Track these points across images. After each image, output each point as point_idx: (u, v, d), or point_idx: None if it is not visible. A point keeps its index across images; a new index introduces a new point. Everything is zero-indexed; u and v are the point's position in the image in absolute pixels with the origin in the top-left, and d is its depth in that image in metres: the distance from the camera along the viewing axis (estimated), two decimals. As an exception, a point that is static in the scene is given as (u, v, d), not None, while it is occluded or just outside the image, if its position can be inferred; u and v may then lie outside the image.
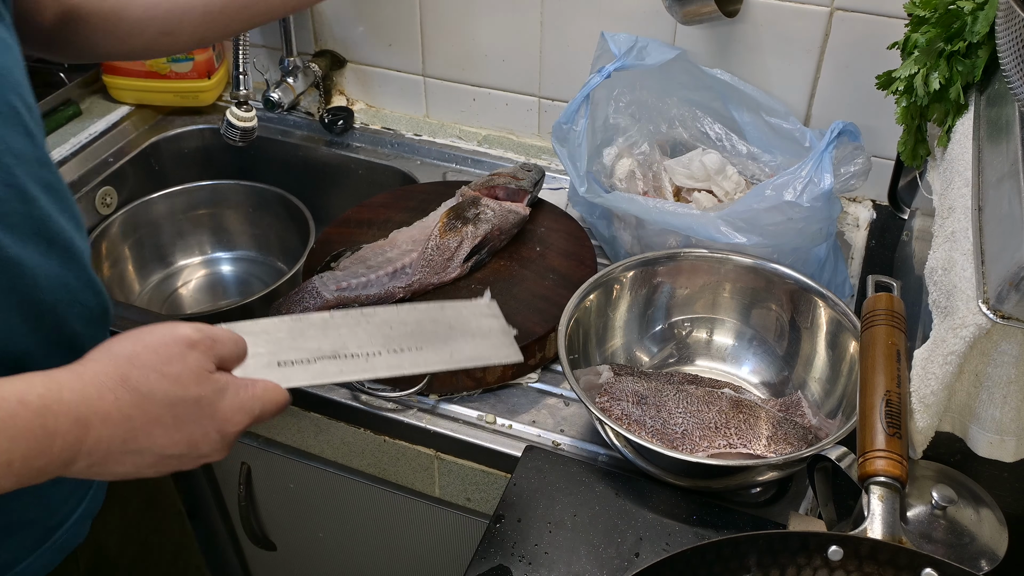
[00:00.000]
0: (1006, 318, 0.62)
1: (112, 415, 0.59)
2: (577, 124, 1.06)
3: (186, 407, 0.62)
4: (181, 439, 0.62)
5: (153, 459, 0.62)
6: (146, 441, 0.60)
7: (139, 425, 0.60)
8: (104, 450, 0.59)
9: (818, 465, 0.76)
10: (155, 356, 0.61)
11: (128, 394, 0.59)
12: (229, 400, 0.64)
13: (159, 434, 0.61)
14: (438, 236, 1.04)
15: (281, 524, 1.26)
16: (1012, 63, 0.64)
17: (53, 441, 0.56)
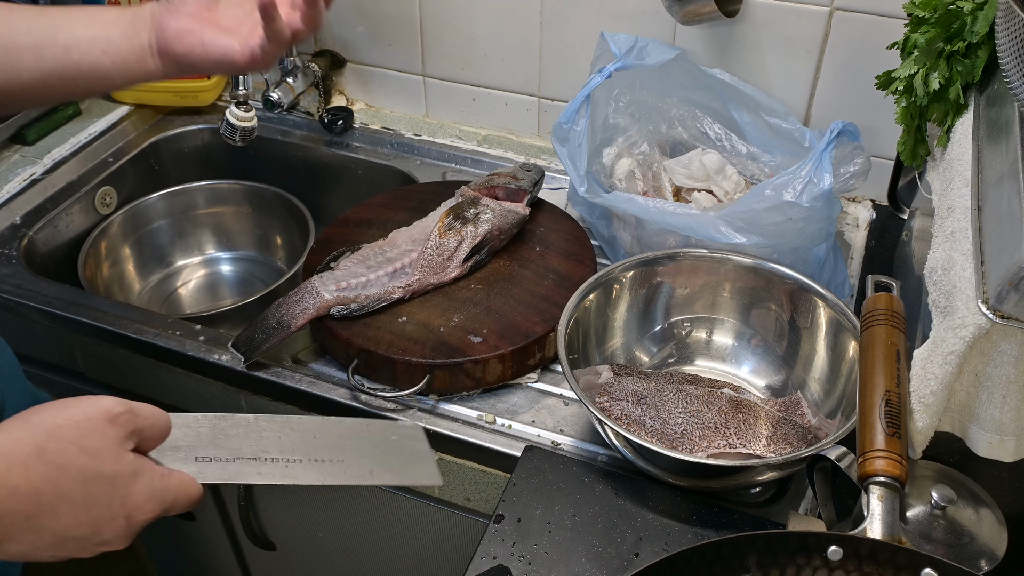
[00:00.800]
0: (1006, 318, 0.62)
1: (20, 488, 0.57)
2: (578, 124, 1.06)
3: (99, 485, 0.60)
4: (86, 520, 0.60)
5: (52, 540, 0.59)
6: (50, 519, 0.58)
7: (47, 501, 0.58)
8: (5, 525, 0.57)
9: (818, 465, 0.76)
10: (76, 430, 0.60)
11: (42, 467, 0.57)
12: (142, 485, 0.62)
13: (65, 512, 0.59)
14: (438, 236, 1.04)
15: (281, 524, 1.26)
16: (1012, 63, 0.64)
17: None
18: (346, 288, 0.99)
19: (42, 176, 1.32)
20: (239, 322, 1.19)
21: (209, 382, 1.07)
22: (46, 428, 0.59)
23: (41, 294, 1.13)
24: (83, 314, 1.10)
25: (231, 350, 1.01)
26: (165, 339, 1.06)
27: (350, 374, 0.97)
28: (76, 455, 0.59)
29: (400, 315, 1.00)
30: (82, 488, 0.59)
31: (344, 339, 0.98)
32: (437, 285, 1.03)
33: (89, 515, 0.59)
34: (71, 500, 0.58)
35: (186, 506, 0.65)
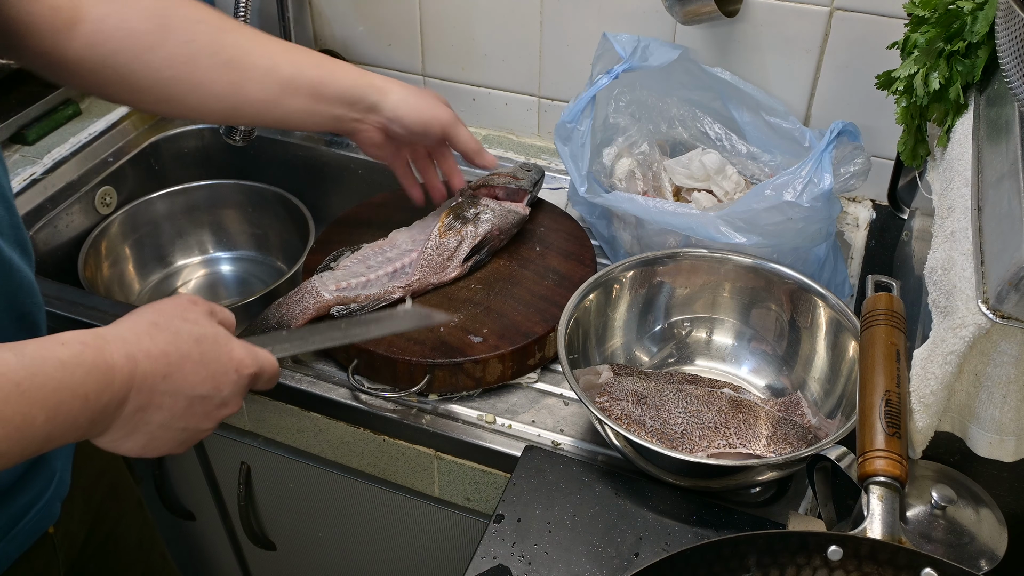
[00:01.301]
0: (1006, 318, 0.62)
1: (152, 351, 0.65)
2: (582, 123, 1.06)
3: (208, 343, 0.69)
4: (207, 375, 0.69)
5: (184, 403, 0.68)
6: (179, 378, 0.67)
7: (174, 360, 0.67)
8: (149, 387, 0.65)
9: (818, 465, 0.76)
10: (173, 307, 0.71)
11: (161, 334, 0.67)
12: (238, 343, 0.73)
13: (190, 369, 0.68)
14: (438, 236, 1.04)
15: (281, 524, 1.26)
16: (1012, 63, 0.64)
17: (113, 374, 0.62)
18: (346, 288, 0.99)
19: (42, 176, 1.32)
20: (239, 322, 1.19)
21: (209, 382, 1.07)
22: (151, 310, 0.70)
23: (41, 294, 1.13)
24: (83, 314, 1.10)
25: None
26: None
27: (350, 374, 0.97)
28: (182, 323, 0.69)
29: (400, 315, 1.00)
30: (196, 347, 0.69)
31: (344, 339, 0.98)
32: (437, 285, 1.03)
33: (208, 370, 0.69)
34: (191, 357, 0.68)
35: (271, 374, 0.76)
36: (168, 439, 0.69)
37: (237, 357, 0.71)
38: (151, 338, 0.66)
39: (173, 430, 0.68)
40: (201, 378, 0.68)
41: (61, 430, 0.60)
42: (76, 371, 0.60)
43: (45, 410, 0.58)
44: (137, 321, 0.68)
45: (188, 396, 0.68)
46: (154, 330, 0.67)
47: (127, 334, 0.65)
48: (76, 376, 0.60)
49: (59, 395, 0.59)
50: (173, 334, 0.68)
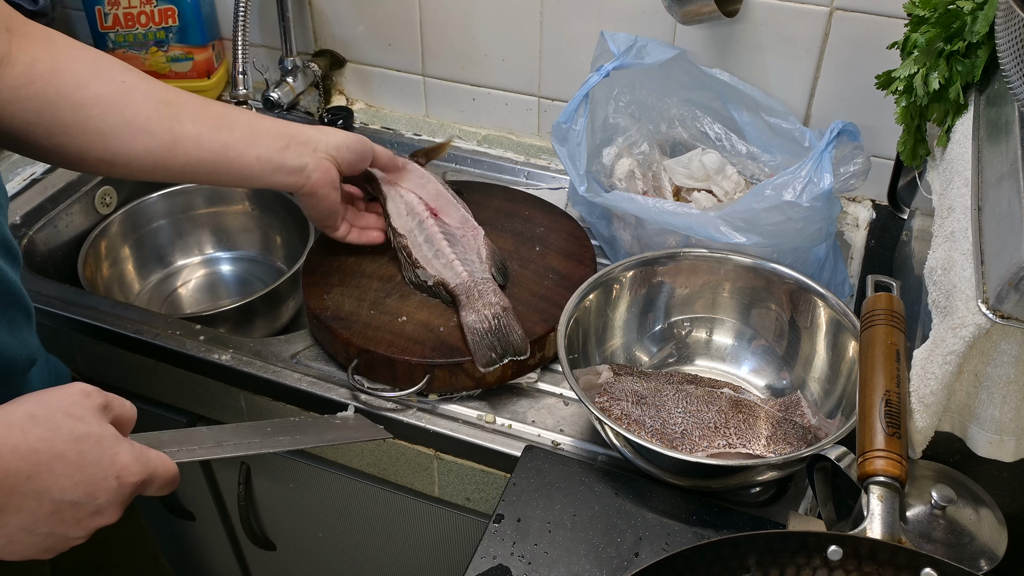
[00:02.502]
0: (1006, 318, 0.62)
1: (20, 447, 0.60)
2: (576, 123, 1.06)
3: (89, 444, 0.63)
4: (81, 480, 0.63)
5: (50, 508, 0.62)
6: (48, 479, 0.61)
7: (44, 460, 0.61)
8: (9, 487, 0.60)
9: (817, 465, 0.76)
10: (59, 401, 0.64)
11: (36, 428, 0.61)
12: (127, 447, 0.66)
13: (61, 471, 0.62)
14: None
15: (281, 524, 1.26)
16: (1012, 63, 0.64)
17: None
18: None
19: (42, 176, 1.32)
20: (239, 322, 1.19)
21: (209, 382, 1.07)
22: (32, 400, 0.64)
23: (41, 294, 1.13)
24: (83, 314, 1.10)
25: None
26: (165, 339, 1.06)
27: (350, 374, 0.97)
28: (64, 418, 0.63)
29: (400, 315, 1.00)
30: (74, 446, 0.62)
31: (344, 339, 0.98)
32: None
33: (83, 474, 0.63)
34: (65, 458, 0.62)
35: (165, 481, 0.69)
36: (29, 543, 0.63)
37: (121, 463, 0.65)
38: (23, 432, 0.61)
39: (36, 535, 0.63)
40: (74, 482, 0.62)
41: None
42: None
43: None
44: (13, 410, 0.62)
45: (55, 500, 0.62)
46: (29, 423, 0.61)
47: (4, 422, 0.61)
48: None
49: None
50: (51, 430, 0.62)
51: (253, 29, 1.44)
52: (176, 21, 1.38)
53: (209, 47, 1.43)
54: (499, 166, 1.35)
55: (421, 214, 1.07)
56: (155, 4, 1.37)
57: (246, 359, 1.03)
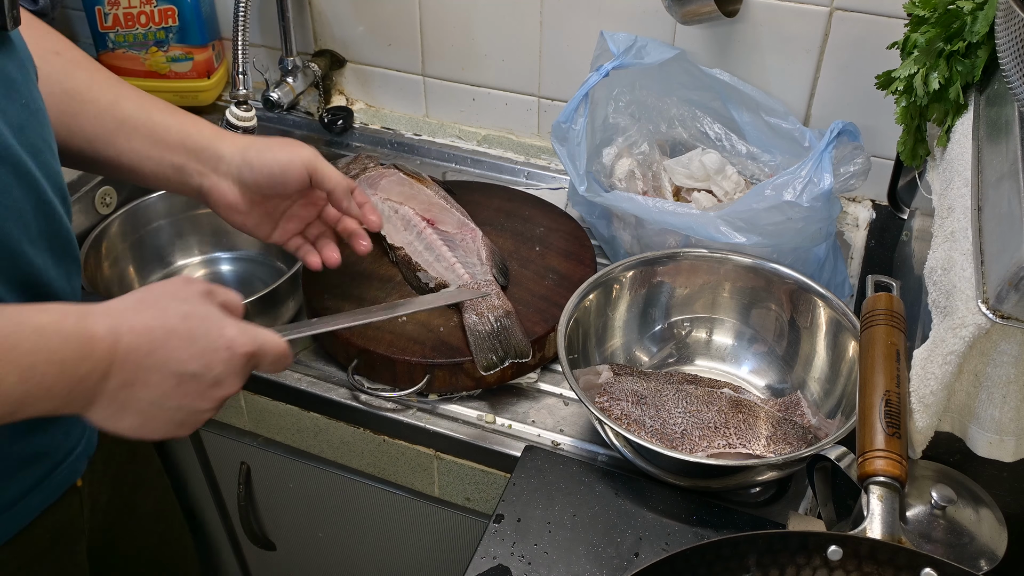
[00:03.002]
0: (1005, 318, 0.62)
1: (136, 326, 0.65)
2: (576, 123, 1.06)
3: (196, 320, 0.68)
4: (196, 352, 0.67)
5: (174, 380, 0.66)
6: (165, 354, 0.66)
7: (159, 336, 0.66)
8: (133, 362, 0.64)
9: (817, 465, 0.76)
10: (163, 288, 0.70)
11: (147, 309, 0.67)
12: (232, 322, 0.70)
13: (176, 346, 0.66)
14: None
15: (281, 524, 1.26)
16: (1012, 63, 0.64)
17: (93, 345, 0.62)
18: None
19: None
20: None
21: (209, 382, 1.07)
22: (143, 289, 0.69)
23: (41, 294, 1.13)
24: (83, 314, 1.10)
25: None
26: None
27: (350, 374, 0.97)
28: (170, 300, 0.68)
29: (400, 315, 1.00)
30: (184, 323, 0.67)
31: (344, 339, 0.98)
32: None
33: (197, 347, 0.67)
34: (178, 334, 0.67)
35: (276, 355, 0.73)
36: (164, 419, 0.68)
37: (229, 335, 0.69)
38: (136, 313, 0.66)
39: (167, 410, 0.67)
40: (189, 355, 0.67)
41: (36, 395, 0.60)
42: (52, 337, 0.61)
43: (18, 370, 0.59)
44: (125, 298, 0.68)
45: (176, 373, 0.66)
46: (141, 306, 0.67)
47: (112, 308, 0.66)
48: (52, 342, 0.60)
49: (32, 358, 0.59)
50: (160, 310, 0.67)
51: (253, 29, 1.44)
52: (176, 21, 1.38)
53: (209, 47, 1.43)
54: (499, 166, 1.35)
55: (419, 225, 1.07)
56: (155, 4, 1.37)
57: (246, 359, 1.03)
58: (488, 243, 1.06)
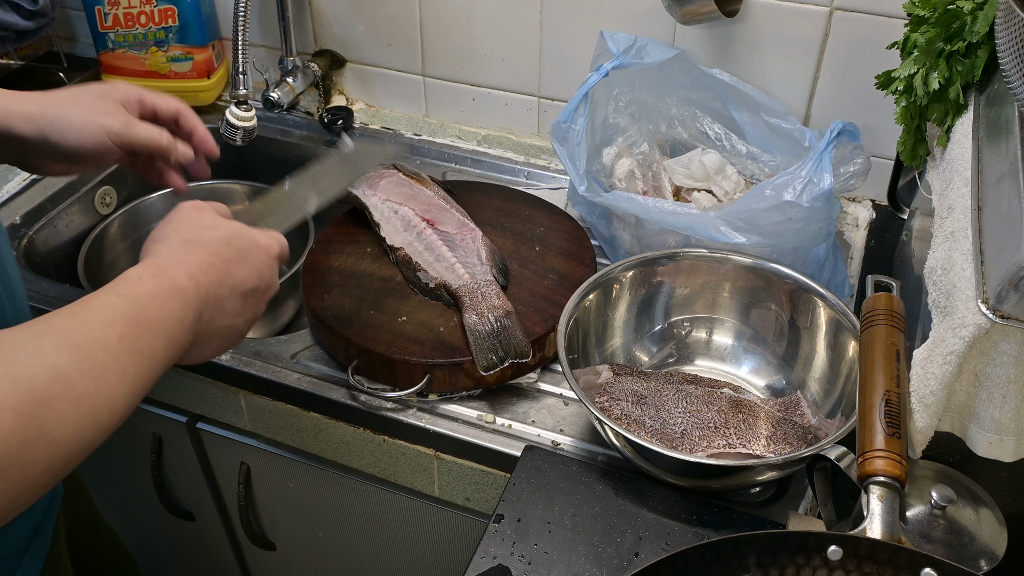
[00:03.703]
0: (1005, 318, 0.62)
1: (202, 264, 0.69)
2: (576, 123, 1.06)
3: (238, 240, 0.73)
4: (251, 270, 0.73)
5: (241, 300, 0.72)
6: (230, 280, 0.71)
7: (219, 266, 0.70)
8: (214, 296, 0.69)
9: (817, 465, 0.76)
10: (189, 221, 0.73)
11: (197, 248, 0.70)
12: (256, 231, 0.76)
13: (236, 270, 0.72)
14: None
15: (281, 524, 1.26)
16: (1012, 63, 0.64)
17: (187, 295, 0.66)
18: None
19: (42, 176, 1.32)
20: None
21: (209, 382, 1.07)
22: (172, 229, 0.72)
23: (41, 294, 1.13)
24: (83, 314, 1.10)
25: None
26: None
27: (350, 374, 0.97)
28: (206, 231, 0.72)
29: (400, 315, 1.00)
30: (230, 247, 0.72)
31: (344, 339, 0.98)
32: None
33: (249, 265, 0.73)
34: (232, 259, 0.72)
35: (285, 250, 0.79)
36: (233, 335, 0.73)
37: (264, 243, 0.76)
38: (193, 255, 0.69)
39: (236, 327, 0.73)
40: (246, 274, 0.72)
41: (172, 356, 0.64)
42: (169, 300, 0.64)
43: (163, 339, 0.62)
44: (171, 245, 0.70)
45: (242, 294, 0.72)
46: (190, 247, 0.70)
47: (173, 256, 0.68)
48: (172, 304, 0.64)
49: (167, 323, 0.63)
50: (207, 244, 0.71)
51: (253, 29, 1.44)
52: (176, 21, 1.38)
53: (209, 47, 1.43)
54: (499, 166, 1.35)
55: (418, 226, 1.07)
56: (155, 4, 1.37)
57: (246, 359, 1.03)
58: (488, 243, 1.06)
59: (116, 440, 1.29)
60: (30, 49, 1.50)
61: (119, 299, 0.61)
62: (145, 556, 1.52)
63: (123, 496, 1.38)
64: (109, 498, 1.41)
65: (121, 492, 1.37)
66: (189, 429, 1.17)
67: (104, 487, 1.39)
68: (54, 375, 0.53)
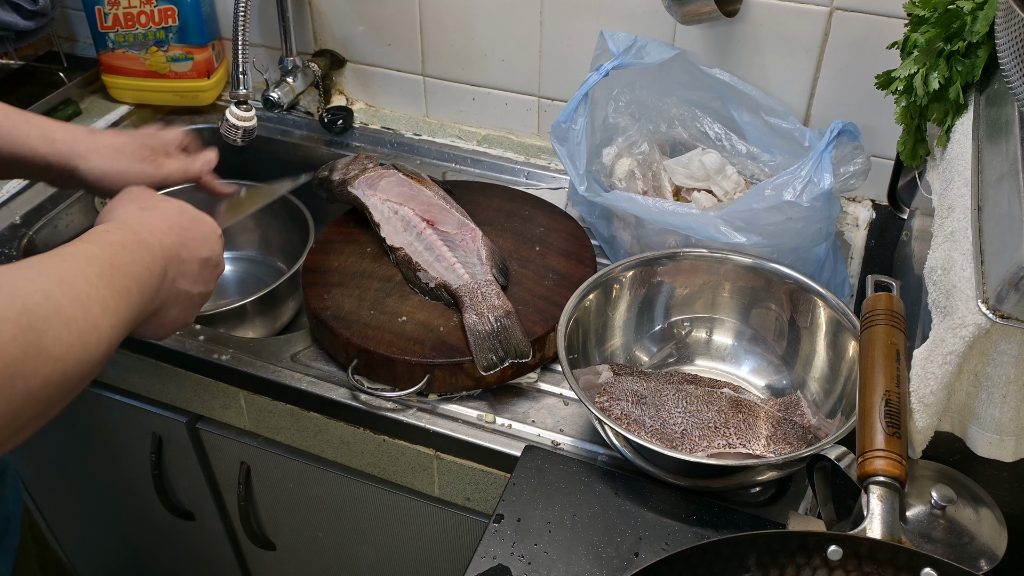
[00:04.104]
0: (1005, 318, 0.62)
1: (162, 226, 0.73)
2: (576, 123, 1.06)
3: (188, 211, 0.77)
4: (202, 239, 0.77)
5: (198, 266, 0.75)
6: (189, 244, 0.75)
7: (176, 231, 0.74)
8: (175, 256, 0.73)
9: (817, 465, 0.76)
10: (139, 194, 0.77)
11: (154, 212, 0.74)
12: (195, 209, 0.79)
13: (190, 236, 0.75)
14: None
15: (281, 524, 1.26)
16: (1012, 63, 0.64)
17: (152, 250, 0.70)
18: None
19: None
20: (239, 322, 1.19)
21: (209, 382, 1.07)
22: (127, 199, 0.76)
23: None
24: (83, 314, 1.10)
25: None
26: (165, 339, 1.06)
27: (350, 374, 0.97)
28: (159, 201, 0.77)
29: (400, 315, 1.00)
30: (183, 216, 0.77)
31: (344, 339, 0.98)
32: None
33: (199, 232, 0.77)
34: (185, 227, 0.76)
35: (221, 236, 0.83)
36: (192, 306, 0.77)
37: (208, 220, 0.80)
38: (152, 218, 0.73)
39: (194, 295, 0.76)
40: (198, 242, 0.76)
41: (144, 303, 0.67)
42: (138, 249, 0.68)
43: (137, 283, 0.66)
44: (129, 210, 0.73)
45: (199, 259, 0.76)
46: (148, 212, 0.74)
47: (137, 218, 0.72)
48: (141, 253, 0.68)
49: (139, 268, 0.67)
50: (163, 211, 0.75)
51: (253, 29, 1.44)
52: (176, 21, 1.38)
53: (209, 47, 1.43)
54: (499, 166, 1.35)
55: (419, 226, 1.07)
56: (155, 4, 1.37)
57: (246, 359, 1.03)
58: (488, 243, 1.06)
59: (116, 440, 1.29)
60: (30, 49, 1.50)
61: (92, 246, 0.64)
62: (145, 556, 1.52)
63: (123, 496, 1.38)
64: (109, 498, 1.41)
65: (121, 492, 1.37)
66: (189, 429, 1.17)
67: (104, 487, 1.39)
68: (44, 296, 0.57)
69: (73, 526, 1.52)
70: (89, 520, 1.48)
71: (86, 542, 1.54)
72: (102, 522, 1.48)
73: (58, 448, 1.35)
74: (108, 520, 1.47)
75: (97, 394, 1.21)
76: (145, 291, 0.67)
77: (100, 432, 1.28)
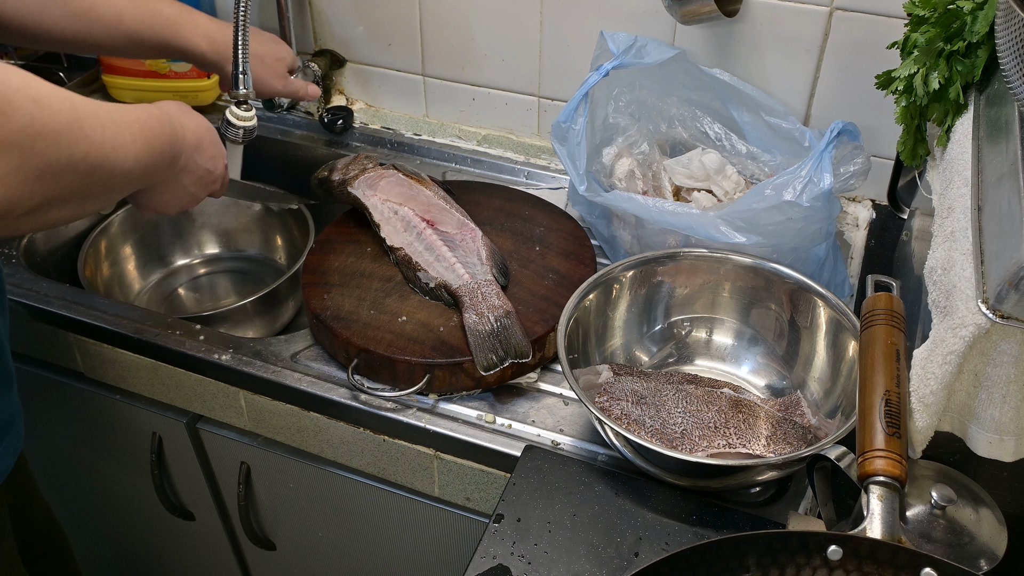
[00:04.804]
0: (1005, 318, 0.62)
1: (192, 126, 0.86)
2: (576, 123, 1.06)
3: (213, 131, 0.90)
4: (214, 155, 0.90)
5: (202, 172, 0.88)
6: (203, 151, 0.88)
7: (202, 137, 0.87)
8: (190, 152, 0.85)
9: (817, 465, 0.76)
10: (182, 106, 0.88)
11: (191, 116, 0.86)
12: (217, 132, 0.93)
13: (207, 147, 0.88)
14: None
15: (281, 524, 1.26)
16: (1012, 63, 0.64)
17: (176, 133, 0.81)
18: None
19: None
20: (239, 322, 1.19)
21: (209, 382, 1.07)
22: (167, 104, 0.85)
23: (41, 294, 1.13)
24: (83, 314, 1.10)
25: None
26: (165, 339, 1.06)
27: (350, 374, 0.97)
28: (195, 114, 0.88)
29: (400, 315, 1.00)
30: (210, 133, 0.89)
31: (344, 339, 0.98)
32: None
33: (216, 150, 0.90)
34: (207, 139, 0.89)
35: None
36: (184, 200, 0.89)
37: (222, 150, 0.92)
38: (189, 117, 0.86)
39: (189, 194, 0.89)
40: (210, 156, 0.89)
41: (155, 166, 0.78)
42: (166, 129, 0.79)
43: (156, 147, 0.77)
44: (172, 106, 0.84)
45: (204, 168, 0.88)
46: (187, 116, 0.86)
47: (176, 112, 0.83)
48: (166, 131, 0.79)
49: (161, 140, 0.78)
50: (195, 120, 0.87)
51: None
52: (176, 21, 1.38)
53: (209, 47, 1.42)
54: (499, 166, 1.35)
55: (419, 226, 1.07)
56: (155, 4, 1.37)
57: (246, 359, 1.03)
58: (488, 243, 1.06)
59: (116, 440, 1.29)
60: (30, 49, 1.50)
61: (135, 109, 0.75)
62: (145, 556, 1.52)
63: (123, 496, 1.38)
64: (109, 498, 1.41)
65: (121, 492, 1.37)
66: (189, 429, 1.17)
67: (104, 487, 1.39)
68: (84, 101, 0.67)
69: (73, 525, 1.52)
70: (89, 520, 1.48)
71: (86, 541, 1.54)
72: (102, 522, 1.48)
73: (58, 448, 1.35)
74: (108, 520, 1.47)
75: (97, 394, 1.21)
76: (161, 158, 0.78)
77: (100, 432, 1.28)
